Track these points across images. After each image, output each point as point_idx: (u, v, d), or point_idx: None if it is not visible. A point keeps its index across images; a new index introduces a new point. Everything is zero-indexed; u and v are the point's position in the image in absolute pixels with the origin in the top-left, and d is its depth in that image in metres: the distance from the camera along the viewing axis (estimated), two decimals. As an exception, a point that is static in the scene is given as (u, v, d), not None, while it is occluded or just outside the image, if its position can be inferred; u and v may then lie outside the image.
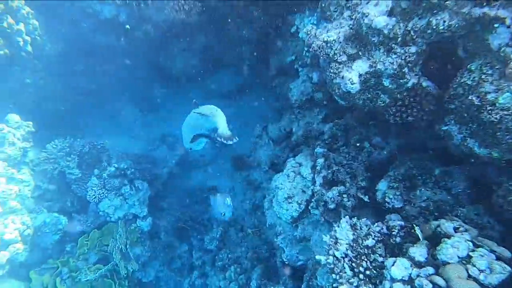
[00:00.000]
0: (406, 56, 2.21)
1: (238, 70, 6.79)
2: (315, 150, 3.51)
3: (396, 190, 2.81)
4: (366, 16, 2.22)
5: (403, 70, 2.25)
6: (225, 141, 3.20)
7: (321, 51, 2.53)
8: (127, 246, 4.77)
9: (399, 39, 2.21)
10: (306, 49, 4.00)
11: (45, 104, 5.47)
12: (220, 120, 3.25)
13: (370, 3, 2.25)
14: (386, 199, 2.86)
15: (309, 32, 2.66)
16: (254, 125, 6.63)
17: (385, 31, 2.20)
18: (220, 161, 6.82)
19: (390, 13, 2.23)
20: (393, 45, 2.24)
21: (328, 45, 2.47)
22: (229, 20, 5.32)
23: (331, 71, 2.50)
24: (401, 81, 2.30)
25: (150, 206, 5.30)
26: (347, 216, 2.68)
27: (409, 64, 2.22)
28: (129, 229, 4.98)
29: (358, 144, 3.59)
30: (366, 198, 3.03)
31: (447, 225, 2.02)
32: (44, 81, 5.18)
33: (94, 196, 4.68)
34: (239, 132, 6.95)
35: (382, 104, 2.52)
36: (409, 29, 2.17)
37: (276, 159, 5.16)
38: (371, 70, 2.36)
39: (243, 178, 6.05)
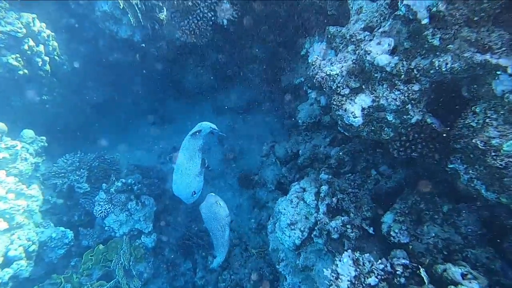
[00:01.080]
0: (410, 94, 2.15)
1: (248, 87, 6.85)
2: (320, 176, 3.44)
3: (402, 224, 2.70)
4: (369, 54, 2.19)
5: (407, 107, 2.19)
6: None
7: (324, 83, 2.50)
8: (131, 263, 4.77)
9: (402, 76, 2.16)
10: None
11: (60, 119, 5.67)
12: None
13: (373, 41, 2.22)
14: (391, 233, 2.74)
15: (314, 63, 2.64)
16: (263, 141, 6.62)
17: (388, 69, 2.16)
18: (228, 176, 6.81)
19: (392, 52, 2.19)
20: (396, 81, 2.19)
21: (331, 78, 2.44)
22: (242, 39, 5.41)
23: (334, 103, 2.47)
24: (404, 117, 2.24)
25: (156, 221, 5.31)
26: (350, 250, 2.58)
27: (412, 101, 2.16)
28: (134, 245, 4.99)
29: (364, 172, 3.51)
30: (370, 230, 2.92)
31: (454, 271, 1.90)
32: (61, 97, 5.37)
33: (100, 211, 4.73)
34: (248, 148, 6.98)
35: (387, 137, 2.45)
36: (412, 67, 2.12)
37: (282, 179, 5.10)
38: (374, 104, 2.31)
39: (249, 196, 6.00)
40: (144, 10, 4.36)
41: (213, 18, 3.98)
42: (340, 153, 3.86)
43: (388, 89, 2.30)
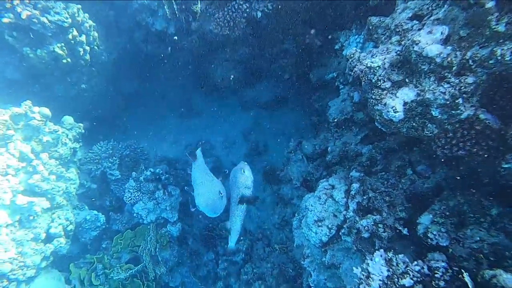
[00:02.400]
0: (461, 86, 2.01)
1: (277, 82, 6.80)
2: (351, 173, 3.35)
3: (441, 226, 2.56)
4: (417, 44, 2.07)
5: (457, 101, 2.06)
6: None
7: (363, 75, 2.41)
8: (157, 250, 4.91)
9: (454, 68, 2.03)
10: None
11: (96, 107, 5.93)
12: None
13: (423, 31, 2.10)
14: (428, 235, 2.61)
15: (352, 56, 2.56)
16: (290, 137, 6.56)
17: (438, 60, 2.04)
18: (252, 171, 6.82)
19: (445, 41, 2.06)
20: (446, 74, 2.06)
21: (372, 70, 2.35)
22: (273, 33, 5.37)
23: (373, 97, 2.38)
24: (453, 112, 2.11)
25: (181, 211, 5.44)
26: (382, 249, 2.50)
27: (464, 95, 2.03)
28: (160, 233, 5.13)
29: (399, 171, 3.37)
30: (405, 231, 2.80)
31: (505, 278, 1.77)
32: (98, 87, 5.61)
33: (130, 198, 4.91)
34: (273, 144, 6.94)
35: (429, 134, 2.33)
36: (467, 58, 1.98)
37: (308, 176, 5.02)
38: (418, 98, 2.20)
39: (273, 191, 5.98)
40: (180, 3, 4.44)
41: (247, 10, 3.97)
42: (373, 151, 3.74)
43: (436, 82, 2.17)
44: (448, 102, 2.11)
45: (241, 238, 4.47)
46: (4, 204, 3.36)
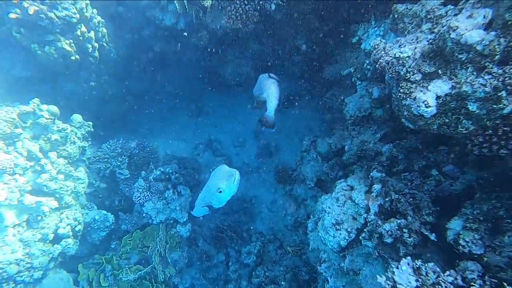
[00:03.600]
0: (506, 77, 1.79)
1: (290, 79, 6.62)
2: (371, 174, 3.14)
3: (475, 233, 2.34)
4: (454, 30, 1.86)
5: (499, 94, 1.84)
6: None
7: (390, 67, 2.21)
8: (166, 251, 4.80)
9: (497, 56, 1.81)
10: (368, 62, 3.66)
11: (106, 105, 5.85)
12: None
13: (461, 15, 1.89)
14: (460, 242, 2.39)
15: (376, 46, 2.35)
16: (302, 135, 6.37)
17: (479, 47, 1.82)
18: (264, 171, 6.66)
19: (487, 26, 1.84)
20: (487, 63, 1.84)
21: (400, 61, 2.14)
22: (286, 28, 5.18)
23: (401, 90, 2.17)
24: (494, 106, 1.89)
25: (191, 211, 5.31)
26: (409, 257, 2.29)
27: (508, 87, 1.81)
28: (169, 234, 5.02)
29: (423, 171, 3.15)
30: (432, 236, 2.59)
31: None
32: (108, 84, 5.53)
33: (139, 198, 4.80)
34: (285, 143, 6.76)
35: (464, 131, 2.11)
36: (513, 45, 1.76)
37: (323, 176, 4.83)
38: (453, 92, 1.99)
39: (286, 191, 5.80)
40: (190, -4, 4.30)
41: (261, 2, 3.80)
42: (394, 150, 3.52)
43: (475, 73, 1.95)
44: (488, 95, 1.89)
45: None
46: (11, 204, 3.27)
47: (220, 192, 3.02)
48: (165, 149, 6.83)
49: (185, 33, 5.57)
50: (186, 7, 4.49)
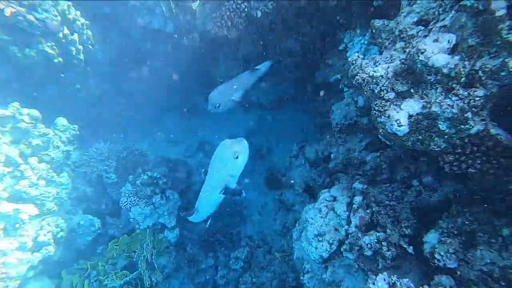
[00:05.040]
0: (470, 100, 1.80)
1: (280, 82, 6.59)
2: (354, 185, 3.14)
3: (449, 246, 2.34)
4: (422, 53, 1.85)
5: (466, 115, 1.84)
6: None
7: (365, 85, 2.20)
8: (153, 256, 4.77)
9: (463, 79, 1.81)
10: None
11: (93, 107, 5.79)
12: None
13: (428, 38, 1.88)
14: (435, 255, 2.40)
15: (354, 62, 2.33)
16: (292, 139, 6.35)
17: (445, 70, 1.82)
18: (255, 175, 6.65)
19: (453, 50, 1.84)
20: (454, 85, 1.85)
21: (374, 80, 2.13)
22: (276, 32, 5.15)
23: (376, 108, 2.16)
24: (462, 126, 1.89)
25: (179, 216, 5.29)
26: (386, 273, 2.30)
27: (473, 109, 1.81)
28: (157, 239, 4.99)
29: (404, 181, 3.15)
30: (410, 250, 2.59)
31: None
32: (95, 86, 5.47)
33: (126, 203, 4.77)
34: (276, 147, 6.74)
35: (436, 149, 2.11)
36: (476, 68, 1.76)
37: (311, 182, 4.82)
38: (424, 111, 1.98)
39: (275, 196, 5.80)
40: (176, 1, 4.24)
41: (246, 10, 3.76)
42: (378, 160, 3.52)
43: (443, 94, 1.95)
44: (456, 116, 1.89)
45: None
46: (-11, 212, 3.23)
47: (237, 157, 2.95)
48: (156, 151, 6.78)
49: (175, 35, 5.53)
50: (174, 10, 4.44)
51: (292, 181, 5.08)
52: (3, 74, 4.02)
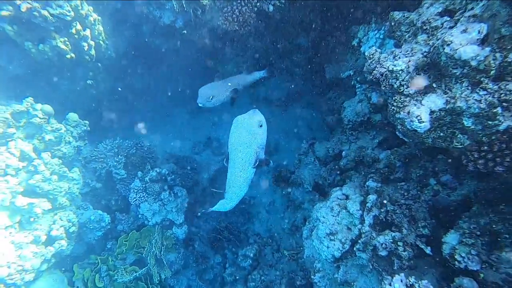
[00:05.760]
0: (501, 94, 1.71)
1: (289, 78, 6.52)
2: (367, 183, 3.07)
3: (471, 248, 2.26)
4: (448, 45, 1.77)
5: (495, 110, 1.75)
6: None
7: (384, 80, 2.12)
8: (162, 252, 4.78)
9: (492, 72, 1.72)
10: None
11: (104, 103, 5.81)
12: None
13: (456, 29, 1.79)
14: (456, 257, 2.31)
15: (371, 56, 2.26)
16: (301, 136, 6.28)
17: (473, 63, 1.73)
18: (263, 172, 6.60)
19: (482, 42, 1.75)
20: (482, 79, 1.76)
21: (394, 75, 2.05)
22: (286, 27, 5.08)
23: (394, 104, 2.09)
24: (490, 122, 1.80)
25: (188, 212, 5.28)
26: (403, 274, 2.23)
27: (504, 103, 1.72)
28: (165, 235, 5.00)
29: (421, 180, 3.07)
30: (428, 250, 2.51)
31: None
32: (105, 82, 5.47)
33: (135, 199, 4.78)
34: (284, 144, 6.68)
35: (459, 146, 2.03)
36: (509, 61, 1.67)
37: (321, 180, 4.75)
38: (447, 107, 1.90)
39: (284, 194, 5.74)
40: (187, -5, 4.20)
41: (258, 4, 3.70)
42: (391, 157, 3.43)
43: (470, 88, 1.87)
44: (484, 111, 1.80)
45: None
46: (3, 206, 3.25)
47: (261, 126, 3.00)
48: (164, 147, 6.79)
49: (185, 31, 5.49)
50: (184, 5, 4.40)
51: (301, 179, 5.02)
52: (18, 69, 4.04)
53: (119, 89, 5.76)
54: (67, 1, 3.70)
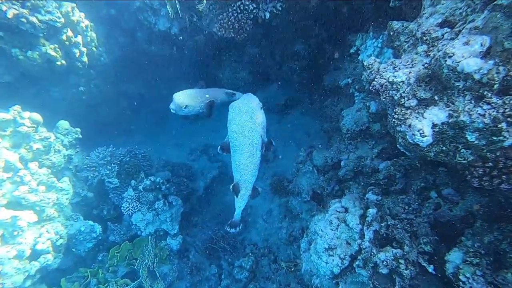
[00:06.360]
0: (506, 109, 1.62)
1: (287, 85, 6.44)
2: (367, 196, 2.96)
3: (476, 268, 2.16)
4: (450, 57, 1.68)
5: (499, 126, 1.66)
6: None
7: (384, 91, 2.03)
8: (155, 264, 4.63)
9: (496, 86, 1.64)
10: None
11: (96, 110, 5.68)
12: None
13: (457, 41, 1.71)
14: (460, 277, 2.21)
15: (370, 66, 2.17)
16: (299, 143, 6.17)
17: (476, 76, 1.65)
18: (260, 179, 6.48)
19: (485, 54, 1.66)
20: (486, 92, 1.67)
21: (394, 86, 1.96)
22: (283, 34, 5.01)
23: (395, 116, 1.99)
24: (494, 138, 1.71)
25: (183, 220, 5.14)
26: (405, 295, 2.11)
27: (509, 119, 1.63)
28: (159, 246, 4.85)
29: (422, 193, 2.97)
30: (430, 269, 2.41)
31: None
32: (98, 88, 5.36)
33: (128, 208, 4.63)
34: (282, 151, 6.58)
35: (463, 161, 1.93)
36: (512, 74, 1.59)
37: (319, 189, 4.64)
38: (450, 120, 1.81)
39: (281, 203, 5.62)
40: (183, 1, 4.12)
41: (254, 11, 3.62)
42: (391, 168, 3.33)
43: (473, 101, 1.78)
44: (488, 126, 1.71)
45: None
46: (-14, 219, 3.11)
47: (262, 107, 3.01)
48: (160, 154, 6.66)
49: (181, 37, 5.41)
50: (179, 12, 4.32)
51: (299, 188, 4.91)
52: (6, 76, 3.92)
53: (116, 94, 5.64)
54: (58, 6, 3.59)
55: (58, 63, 4.00)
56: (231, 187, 3.12)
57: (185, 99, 3.54)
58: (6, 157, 3.32)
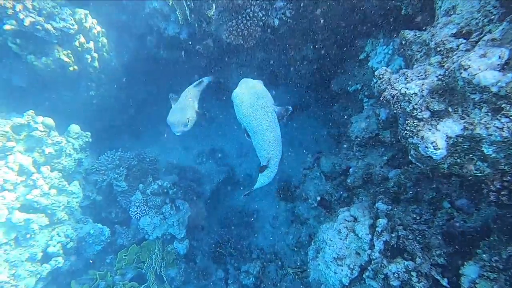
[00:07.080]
0: (527, 122, 1.58)
1: (295, 90, 6.42)
2: (377, 205, 2.92)
3: (494, 283, 2.10)
4: (466, 69, 1.65)
5: (520, 139, 1.62)
6: None
7: (395, 103, 2.00)
8: (162, 268, 4.65)
9: (515, 98, 1.60)
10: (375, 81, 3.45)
11: (106, 114, 5.75)
12: None
13: (473, 53, 1.67)
14: (474, 292, 2.16)
15: (381, 76, 2.14)
16: (306, 149, 6.14)
17: (494, 89, 1.61)
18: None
19: (503, 67, 1.63)
20: (504, 105, 1.63)
21: (406, 98, 1.93)
22: (292, 39, 5.00)
23: (407, 128, 1.96)
24: (512, 152, 1.67)
25: (189, 225, 5.15)
26: (417, 310, 2.07)
27: (529, 132, 1.59)
28: (166, 250, 4.86)
29: (434, 203, 2.91)
30: (445, 282, 2.35)
31: None
32: (108, 93, 5.42)
33: (136, 212, 4.67)
34: (289, 157, 6.55)
35: (479, 174, 1.89)
36: (533, 87, 1.55)
37: (327, 196, 4.60)
38: (465, 133, 1.77)
39: (288, 209, 5.60)
40: (192, 7, 4.14)
41: (263, 18, 3.62)
42: (401, 177, 3.28)
43: (490, 114, 1.74)
44: (506, 140, 1.67)
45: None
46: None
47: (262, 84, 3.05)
48: (167, 157, 6.70)
49: (190, 42, 5.44)
50: (189, 18, 4.34)
51: (306, 194, 4.88)
52: (21, 82, 4.00)
53: (125, 99, 5.70)
54: (72, 14, 3.66)
55: (71, 68, 4.06)
56: (260, 168, 3.10)
57: (179, 115, 3.57)
58: (20, 161, 3.38)
